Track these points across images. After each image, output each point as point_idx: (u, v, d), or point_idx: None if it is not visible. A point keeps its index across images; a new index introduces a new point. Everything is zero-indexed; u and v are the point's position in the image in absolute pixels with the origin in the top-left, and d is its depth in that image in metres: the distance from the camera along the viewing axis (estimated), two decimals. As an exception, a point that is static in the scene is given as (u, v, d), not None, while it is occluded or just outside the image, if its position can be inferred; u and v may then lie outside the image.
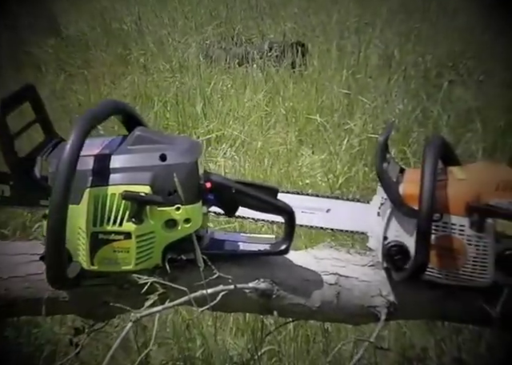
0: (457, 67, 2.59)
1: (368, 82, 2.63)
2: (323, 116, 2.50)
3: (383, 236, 0.93)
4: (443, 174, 0.95)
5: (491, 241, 0.87)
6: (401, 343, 1.16)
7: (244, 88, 2.77)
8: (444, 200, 0.90)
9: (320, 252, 1.00)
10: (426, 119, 2.22)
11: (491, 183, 0.89)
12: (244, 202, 0.89)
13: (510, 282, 0.87)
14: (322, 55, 3.13)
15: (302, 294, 0.91)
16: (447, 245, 0.89)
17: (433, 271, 0.90)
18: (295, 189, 2.03)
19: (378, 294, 0.92)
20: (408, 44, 2.87)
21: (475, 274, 0.88)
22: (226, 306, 0.91)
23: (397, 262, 0.91)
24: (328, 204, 1.06)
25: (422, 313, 0.96)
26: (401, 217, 0.92)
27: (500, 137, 1.93)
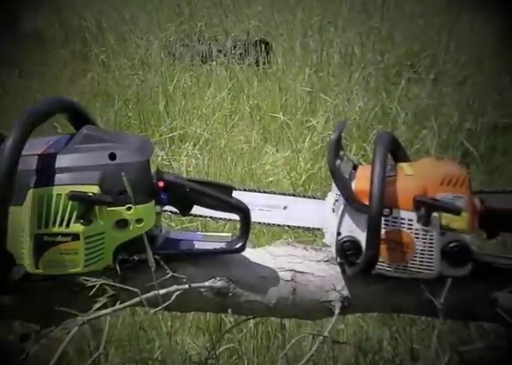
0: (414, 66, 2.67)
1: (330, 81, 2.68)
2: (287, 114, 2.52)
3: (337, 232, 0.95)
4: (393, 170, 0.97)
5: (437, 234, 0.90)
6: (358, 337, 1.19)
7: (208, 86, 2.76)
8: (393, 195, 0.93)
9: (277, 249, 1.01)
10: (385, 116, 2.28)
11: (437, 178, 0.93)
12: (198, 200, 0.88)
13: (454, 274, 0.91)
14: (286, 53, 3.16)
15: (258, 292, 0.92)
16: (397, 239, 0.92)
17: (383, 265, 0.92)
18: (259, 187, 2.07)
19: (333, 289, 0.94)
20: (368, 43, 2.93)
21: (423, 266, 0.91)
22: (182, 306, 0.91)
23: (350, 257, 0.93)
24: (285, 201, 1.07)
25: (375, 306, 0.99)
26: (353, 213, 0.94)
27: (453, 133, 2.00)
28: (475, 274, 0.93)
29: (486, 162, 1.90)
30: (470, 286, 0.94)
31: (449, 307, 0.95)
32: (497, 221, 0.93)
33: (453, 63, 2.52)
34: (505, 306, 0.90)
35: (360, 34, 3.03)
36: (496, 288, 0.92)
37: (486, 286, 0.93)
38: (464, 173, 0.92)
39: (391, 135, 1.00)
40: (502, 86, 2.26)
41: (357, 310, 1.01)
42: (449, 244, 0.91)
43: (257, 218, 1.06)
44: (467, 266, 0.91)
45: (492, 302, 0.91)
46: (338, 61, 2.88)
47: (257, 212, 1.06)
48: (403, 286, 0.94)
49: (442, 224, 0.91)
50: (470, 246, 0.90)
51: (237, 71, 2.92)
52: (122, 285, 0.75)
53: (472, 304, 0.94)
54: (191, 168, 2.09)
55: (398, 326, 1.16)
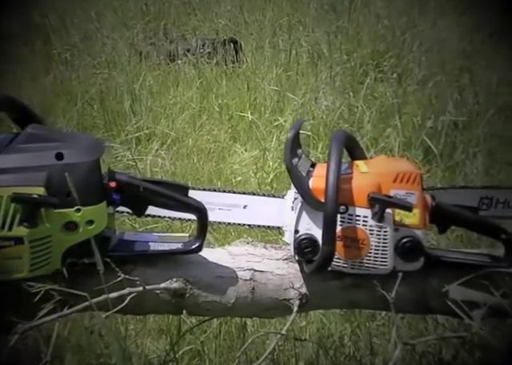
0: (380, 65, 2.73)
1: (298, 80, 2.69)
2: (255, 113, 2.52)
3: (295, 230, 0.96)
4: (349, 168, 0.99)
5: (390, 230, 0.92)
6: (321, 333, 1.20)
7: (176, 85, 2.73)
8: (349, 193, 0.94)
9: (236, 248, 1.01)
10: (352, 115, 2.31)
11: (390, 176, 0.95)
12: (153, 201, 0.87)
13: (407, 268, 0.93)
14: (255, 52, 3.16)
15: (216, 292, 0.92)
16: (352, 236, 0.93)
17: (339, 262, 0.94)
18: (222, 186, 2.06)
19: (291, 286, 0.95)
20: (336, 43, 2.97)
21: (377, 262, 0.93)
22: (138, 309, 0.89)
23: (307, 255, 0.94)
24: (244, 200, 1.07)
25: (333, 302, 1.00)
26: (310, 210, 0.95)
27: (416, 131, 2.06)
28: (427, 269, 0.96)
29: (446, 159, 1.96)
30: (422, 280, 0.96)
31: (403, 301, 0.97)
32: (447, 216, 0.96)
33: (416, 63, 2.58)
34: (455, 299, 0.92)
35: (328, 33, 3.06)
36: (447, 281, 0.94)
37: (438, 280, 0.95)
38: (416, 170, 0.94)
39: (347, 134, 1.02)
40: (463, 85, 2.34)
41: (315, 307, 1.02)
42: (402, 240, 0.93)
43: (217, 218, 1.06)
44: (419, 261, 0.93)
45: (443, 295, 0.94)
46: (306, 60, 2.90)
47: (217, 212, 1.05)
48: (360, 282, 0.95)
49: (396, 220, 0.94)
50: (422, 241, 0.93)
51: (205, 70, 2.90)
52: (69, 289, 0.73)
53: (425, 298, 0.96)
54: (158, 168, 2.06)
55: (359, 322, 1.18)
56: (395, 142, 2.04)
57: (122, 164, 2.12)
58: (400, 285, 0.97)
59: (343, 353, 1.10)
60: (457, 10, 3.10)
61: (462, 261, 0.95)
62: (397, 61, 2.70)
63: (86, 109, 2.40)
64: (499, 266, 0.92)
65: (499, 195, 1.02)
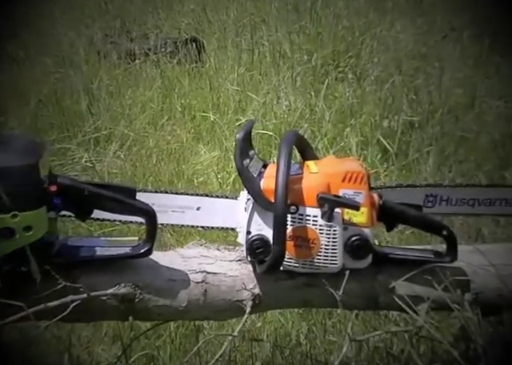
0: (340, 66, 2.78)
1: (260, 79, 2.70)
2: (218, 113, 2.51)
3: (247, 231, 0.96)
4: (300, 168, 1.00)
5: (340, 229, 0.94)
6: (278, 333, 1.21)
7: (137, 84, 2.68)
8: (299, 193, 0.96)
9: (188, 251, 1.01)
10: (312, 115, 2.34)
11: (339, 175, 0.96)
12: (98, 204, 0.85)
13: (356, 266, 0.96)
14: (218, 52, 3.15)
15: (167, 296, 0.91)
16: (303, 235, 0.94)
17: (291, 261, 0.95)
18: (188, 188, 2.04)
19: (244, 288, 0.95)
20: (298, 43, 3.00)
21: (327, 260, 0.94)
22: (85, 317, 0.87)
23: (259, 255, 0.95)
24: (198, 202, 1.06)
25: (286, 302, 1.01)
26: (262, 211, 0.96)
27: (373, 131, 2.11)
28: (376, 266, 0.99)
29: (402, 158, 2.02)
30: (371, 277, 0.99)
31: (354, 298, 0.99)
32: (393, 214, 0.99)
33: (374, 63, 2.64)
34: (401, 294, 0.95)
35: (290, 33, 3.09)
36: (394, 277, 0.97)
37: (386, 276, 0.98)
38: (363, 170, 0.97)
39: (297, 134, 1.03)
40: (418, 86, 2.41)
41: (269, 307, 1.03)
42: (351, 238, 0.95)
43: (170, 220, 1.05)
44: (368, 259, 0.96)
45: (391, 290, 0.97)
46: (269, 60, 2.91)
47: (170, 214, 1.04)
48: (312, 281, 0.97)
49: (345, 219, 0.96)
50: (370, 239, 0.95)
51: (167, 69, 2.87)
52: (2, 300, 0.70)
53: (374, 294, 0.99)
54: (117, 170, 2.02)
55: (316, 320, 1.20)
56: (353, 142, 2.08)
57: (80, 166, 2.07)
58: (350, 282, 0.99)
59: (299, 352, 1.11)
60: (413, 12, 3.19)
61: (407, 257, 0.98)
62: (356, 61, 2.76)
63: (41, 109, 2.32)
64: (441, 261, 0.95)
65: (443, 193, 1.06)
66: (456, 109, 2.24)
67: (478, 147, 2.01)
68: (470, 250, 0.99)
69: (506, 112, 2.18)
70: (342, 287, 0.89)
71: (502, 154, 1.95)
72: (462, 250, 0.99)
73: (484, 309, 0.93)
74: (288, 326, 1.21)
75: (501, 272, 0.93)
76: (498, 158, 1.94)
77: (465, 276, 0.95)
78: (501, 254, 0.98)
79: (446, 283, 0.92)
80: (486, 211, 1.05)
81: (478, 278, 0.95)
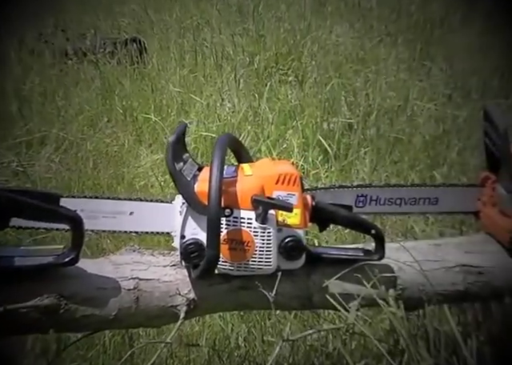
0: (283, 68, 2.83)
1: (204, 81, 2.69)
2: (160, 115, 2.46)
3: (181, 235, 0.95)
4: (235, 171, 1.01)
5: (274, 231, 0.95)
6: (219, 336, 1.21)
7: (73, 85, 2.57)
8: (234, 196, 0.96)
9: (120, 257, 0.98)
10: (256, 117, 2.36)
11: (272, 178, 0.98)
12: (17, 212, 0.80)
13: (290, 267, 0.97)
14: (161, 53, 3.09)
15: (96, 305, 0.87)
16: (238, 238, 0.94)
17: (226, 265, 0.95)
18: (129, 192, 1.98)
19: (177, 293, 0.94)
20: (241, 45, 3.01)
21: (262, 262, 0.95)
22: (4, 331, 0.82)
23: (194, 260, 0.93)
24: (130, 207, 1.03)
25: (222, 305, 1.01)
26: (197, 215, 0.95)
27: (315, 133, 2.16)
28: (310, 266, 1.01)
29: (341, 159, 2.09)
30: (306, 277, 1.01)
31: (289, 299, 1.01)
32: (325, 215, 1.01)
33: (315, 66, 2.71)
34: (334, 292, 0.98)
35: (232, 35, 3.09)
36: (327, 277, 1.00)
37: (319, 276, 1.00)
38: (296, 172, 0.98)
39: (231, 137, 1.03)
40: (356, 88, 2.51)
41: (204, 311, 1.02)
42: (285, 239, 0.96)
43: (100, 227, 1.01)
44: (301, 259, 0.97)
45: (324, 289, 0.99)
46: (212, 62, 2.90)
47: (101, 220, 1.00)
48: (247, 284, 0.97)
49: (279, 221, 0.97)
50: (303, 239, 0.97)
51: (107, 70, 2.77)
52: None
53: (309, 293, 1.01)
54: (51, 174, 1.92)
55: (255, 321, 1.21)
56: (295, 143, 2.12)
57: (10, 170, 1.94)
58: (285, 283, 1.01)
59: (238, 355, 1.11)
60: (352, 17, 3.32)
61: (339, 256, 1.01)
62: (298, 64, 2.82)
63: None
64: (370, 259, 0.99)
65: (372, 193, 1.10)
66: (391, 111, 2.35)
67: (411, 148, 2.13)
68: (397, 248, 1.03)
69: (436, 114, 2.32)
70: (274, 289, 0.90)
71: (433, 154, 2.07)
72: (390, 248, 1.04)
73: (409, 303, 0.98)
74: (228, 329, 1.21)
75: (424, 268, 0.99)
76: (429, 158, 2.05)
77: (392, 273, 0.99)
78: (425, 250, 1.03)
79: (374, 280, 0.96)
80: (412, 210, 1.11)
81: (404, 274, 0.99)
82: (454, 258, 1.00)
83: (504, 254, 0.98)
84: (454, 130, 2.14)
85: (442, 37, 3.00)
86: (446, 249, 1.02)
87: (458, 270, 0.98)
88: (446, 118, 2.23)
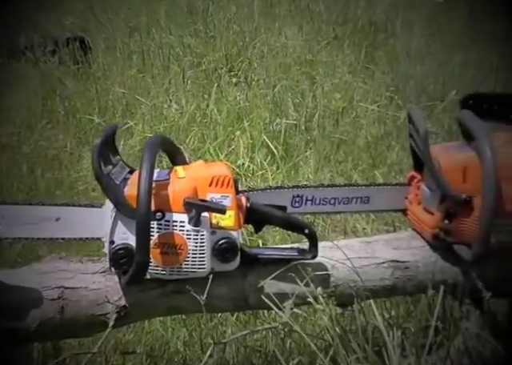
0: (233, 69, 2.83)
1: (151, 82, 2.63)
2: (104, 116, 2.39)
3: (110, 240, 0.92)
4: (168, 174, 0.99)
5: (207, 233, 0.94)
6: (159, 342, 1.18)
7: (9, 85, 2.44)
8: (166, 199, 0.94)
9: (45, 266, 0.93)
10: (204, 118, 2.34)
11: (206, 180, 0.97)
12: None
13: (225, 269, 0.97)
14: (107, 53, 3.00)
15: (15, 317, 0.83)
16: (170, 242, 0.93)
17: (158, 269, 0.93)
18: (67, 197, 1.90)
19: (107, 300, 0.90)
20: (191, 46, 2.98)
21: (195, 265, 0.94)
22: None
23: (123, 266, 0.91)
24: (57, 212, 0.99)
25: (156, 311, 0.99)
26: (127, 219, 0.92)
27: (262, 134, 2.18)
28: (246, 267, 1.01)
29: (288, 160, 2.11)
30: (242, 278, 1.01)
31: (226, 301, 1.00)
32: (260, 216, 1.02)
33: (264, 68, 2.73)
34: (269, 293, 0.99)
35: (182, 36, 3.06)
36: (263, 277, 1.00)
37: (255, 277, 1.01)
38: (229, 174, 0.98)
39: (163, 139, 1.01)
40: (303, 90, 2.55)
41: (137, 318, 0.99)
42: (219, 242, 0.96)
43: (23, 234, 0.96)
44: (236, 261, 0.97)
45: (260, 290, 0.99)
46: (161, 62, 2.85)
47: (24, 227, 0.96)
48: (181, 288, 0.95)
49: (213, 223, 0.96)
50: (237, 241, 0.97)
51: (48, 70, 2.66)
52: None
53: (245, 295, 1.01)
54: (-16, 179, 1.81)
55: (196, 325, 1.19)
56: (243, 145, 2.13)
57: None
58: (221, 285, 1.00)
59: (177, 360, 1.09)
60: (301, 20, 3.37)
61: (274, 256, 1.02)
62: (247, 65, 2.83)
63: None
64: (304, 258, 1.00)
65: (308, 193, 1.12)
66: (336, 113, 2.41)
67: (355, 148, 2.19)
68: (331, 246, 1.06)
69: (378, 116, 2.40)
70: (205, 292, 0.89)
71: (375, 154, 2.14)
72: (325, 247, 1.06)
73: (342, 300, 1.00)
74: (168, 334, 1.19)
75: (355, 265, 1.01)
76: (371, 158, 2.12)
77: (325, 271, 1.01)
78: (356, 247, 1.06)
79: (307, 279, 0.97)
80: (345, 209, 1.13)
81: (337, 271, 1.01)
82: (383, 255, 1.03)
83: (428, 249, 1.03)
84: (395, 131, 2.23)
85: (385, 41, 3.11)
86: (376, 246, 1.05)
87: (387, 266, 1.01)
88: (387, 120, 2.31)
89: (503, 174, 0.93)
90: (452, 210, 0.98)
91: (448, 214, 0.98)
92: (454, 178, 0.97)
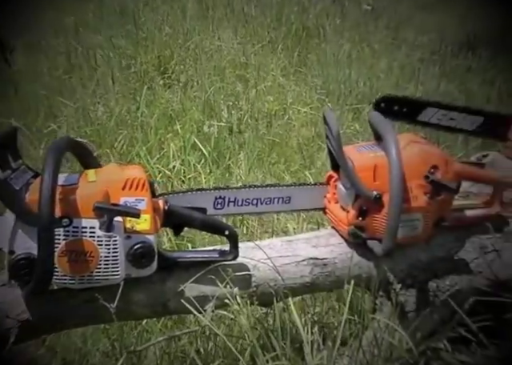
0: (167, 71, 2.77)
1: (76, 84, 2.51)
2: (25, 119, 2.24)
3: (8, 250, 0.85)
4: (77, 178, 0.94)
5: (121, 238, 0.91)
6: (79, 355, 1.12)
7: None
8: (73, 204, 0.89)
9: None
10: (134, 121, 2.27)
11: (119, 183, 0.93)
12: None
13: (141, 274, 0.93)
14: (31, 54, 2.83)
15: None
16: (79, 249, 0.88)
17: (66, 278, 0.87)
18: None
19: (6, 315, 0.84)
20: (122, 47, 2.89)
21: (108, 272, 0.90)
22: None
23: (25, 276, 0.85)
24: None
25: (65, 323, 0.93)
26: (28, 227, 0.86)
27: (195, 136, 2.15)
28: (166, 272, 0.98)
29: (222, 162, 2.10)
30: (161, 283, 0.98)
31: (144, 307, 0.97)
32: (178, 218, 1.00)
33: (198, 70, 2.71)
34: (190, 296, 0.96)
35: (112, 37, 2.95)
36: (183, 281, 0.98)
37: (175, 281, 0.98)
38: (144, 177, 0.95)
39: (70, 141, 0.96)
40: (237, 93, 2.56)
41: (46, 331, 0.93)
42: (134, 247, 0.92)
43: None
44: (152, 266, 0.94)
45: (180, 294, 0.97)
46: (90, 64, 2.73)
47: None
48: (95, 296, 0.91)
49: (127, 228, 0.92)
50: (154, 245, 0.94)
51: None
52: None
53: (164, 300, 0.98)
54: None
55: (117, 335, 1.14)
56: (175, 148, 2.08)
57: None
58: (139, 292, 0.97)
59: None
60: (236, 23, 3.38)
61: (195, 259, 1.00)
62: (181, 68, 2.78)
63: None
64: (225, 259, 0.99)
65: (230, 195, 1.11)
66: (269, 115, 2.43)
67: (288, 150, 2.22)
68: (253, 247, 1.06)
69: (310, 118, 2.46)
70: (116, 300, 0.86)
71: (306, 155, 2.19)
72: (247, 247, 1.06)
73: (263, 299, 1.00)
74: (87, 345, 1.13)
75: (276, 264, 1.02)
76: (303, 159, 2.16)
77: (246, 271, 1.01)
78: (278, 247, 1.07)
79: (227, 280, 0.96)
80: (268, 209, 1.14)
81: (258, 271, 1.01)
82: (302, 253, 1.05)
83: (345, 245, 1.06)
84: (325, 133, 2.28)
85: (317, 45, 3.20)
86: (297, 244, 1.07)
87: (306, 264, 1.03)
88: (319, 122, 2.37)
89: (408, 172, 0.98)
90: (365, 208, 1.02)
91: (361, 211, 1.02)
92: (366, 176, 1.01)
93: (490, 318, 0.92)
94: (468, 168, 1.06)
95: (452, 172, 1.02)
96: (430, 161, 1.01)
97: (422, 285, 1.00)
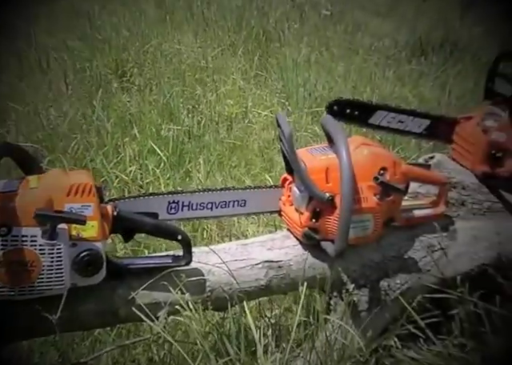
0: (125, 75, 2.71)
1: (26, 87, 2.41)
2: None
3: None
4: (16, 184, 0.89)
5: (65, 246, 0.87)
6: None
7: None
8: (12, 212, 0.84)
9: None
10: (90, 125, 2.20)
11: (63, 189, 0.89)
12: None
13: (89, 283, 0.90)
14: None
15: None
16: (19, 259, 0.83)
17: (4, 290, 0.83)
18: None
19: None
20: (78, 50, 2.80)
21: (52, 282, 0.86)
22: None
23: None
24: None
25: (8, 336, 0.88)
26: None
27: (154, 140, 2.11)
28: (116, 279, 0.95)
29: (181, 166, 2.07)
30: (111, 291, 0.94)
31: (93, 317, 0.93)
32: (128, 224, 0.97)
33: (157, 74, 2.67)
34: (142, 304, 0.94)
35: (66, 39, 2.86)
36: (134, 288, 0.95)
37: (125, 289, 0.95)
38: (90, 182, 0.91)
39: (8, 146, 0.92)
40: (197, 96, 2.54)
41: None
42: (80, 254, 0.89)
43: None
44: (100, 273, 0.91)
45: (131, 302, 0.94)
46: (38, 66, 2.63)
47: None
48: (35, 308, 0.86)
49: (73, 235, 0.89)
50: (102, 252, 0.90)
51: None
52: None
53: (113, 308, 0.94)
54: None
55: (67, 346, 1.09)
56: (132, 152, 2.03)
57: None
58: (87, 302, 0.93)
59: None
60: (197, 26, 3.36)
61: (147, 266, 0.97)
62: (139, 71, 2.73)
63: None
64: (178, 265, 0.97)
65: (184, 199, 1.09)
66: (229, 118, 2.42)
67: (248, 153, 2.22)
68: (207, 251, 1.04)
69: (270, 121, 2.47)
70: (59, 311, 0.82)
71: (267, 158, 2.19)
72: (201, 252, 1.04)
73: (218, 304, 0.99)
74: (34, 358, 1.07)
75: (231, 268, 1.01)
76: (264, 162, 2.17)
77: (200, 276, 0.99)
78: (233, 250, 1.05)
79: (181, 286, 0.94)
80: (223, 213, 1.13)
81: (213, 276, 1.00)
82: (257, 256, 1.04)
83: (300, 247, 1.06)
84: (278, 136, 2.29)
85: (277, 49, 3.23)
86: (252, 248, 1.06)
87: (261, 267, 1.02)
88: (278, 125, 2.38)
89: (358, 174, 1.00)
90: (318, 209, 1.02)
91: (315, 213, 1.03)
92: (319, 178, 1.02)
93: (438, 314, 0.95)
94: (415, 169, 1.09)
95: (400, 173, 1.04)
96: (379, 163, 1.03)
97: (373, 284, 1.01)
